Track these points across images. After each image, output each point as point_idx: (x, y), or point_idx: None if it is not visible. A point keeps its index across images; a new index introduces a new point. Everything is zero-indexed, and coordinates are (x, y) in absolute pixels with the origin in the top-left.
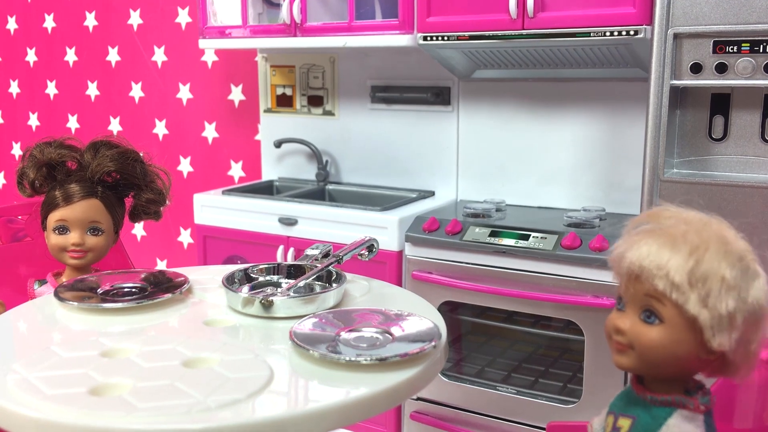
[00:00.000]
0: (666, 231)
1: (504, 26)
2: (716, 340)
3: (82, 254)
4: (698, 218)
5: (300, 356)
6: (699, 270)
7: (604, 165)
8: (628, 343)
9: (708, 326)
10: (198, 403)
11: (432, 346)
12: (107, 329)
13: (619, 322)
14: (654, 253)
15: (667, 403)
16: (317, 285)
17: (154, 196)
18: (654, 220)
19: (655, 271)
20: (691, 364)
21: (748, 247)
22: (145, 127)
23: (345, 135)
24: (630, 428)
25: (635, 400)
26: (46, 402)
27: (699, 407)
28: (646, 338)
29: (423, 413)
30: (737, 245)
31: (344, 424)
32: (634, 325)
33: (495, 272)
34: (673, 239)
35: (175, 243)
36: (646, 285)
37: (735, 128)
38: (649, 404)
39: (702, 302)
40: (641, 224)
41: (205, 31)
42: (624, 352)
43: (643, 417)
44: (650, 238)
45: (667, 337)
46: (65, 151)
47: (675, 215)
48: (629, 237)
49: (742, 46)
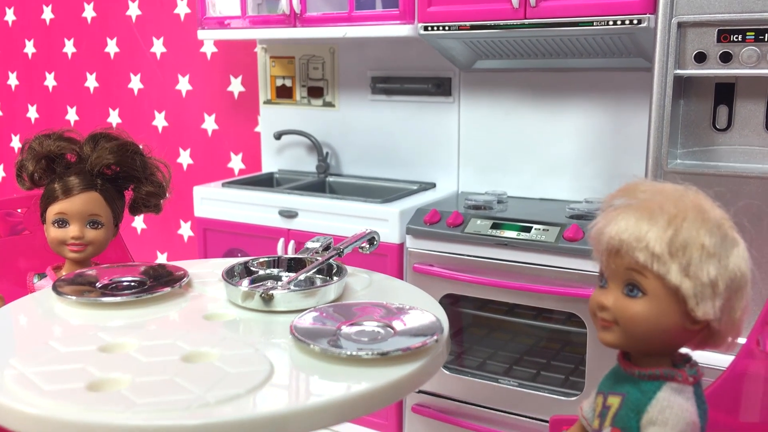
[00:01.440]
0: (643, 204)
1: (506, 15)
2: (700, 309)
3: (81, 247)
4: (674, 189)
5: (301, 350)
6: (678, 239)
7: (607, 156)
8: (613, 318)
9: (691, 295)
10: (197, 398)
11: (434, 340)
12: (106, 324)
13: (602, 298)
14: (632, 227)
15: (655, 377)
16: (318, 278)
17: (154, 188)
18: (630, 194)
19: (635, 244)
20: (676, 335)
21: (725, 214)
22: (144, 119)
23: (345, 126)
24: (620, 405)
25: (623, 377)
26: (43, 398)
27: (687, 379)
28: (630, 312)
29: (425, 406)
30: (714, 213)
31: (345, 419)
32: (617, 300)
33: (497, 264)
34: (650, 211)
35: (176, 236)
36: (626, 259)
37: (739, 118)
38: (637, 380)
39: (683, 271)
40: (617, 200)
41: (204, 21)
42: (609, 329)
43: (632, 393)
44: (627, 212)
45: (651, 310)
46: (64, 143)
47: (650, 188)
48: (607, 213)
49: (747, 35)
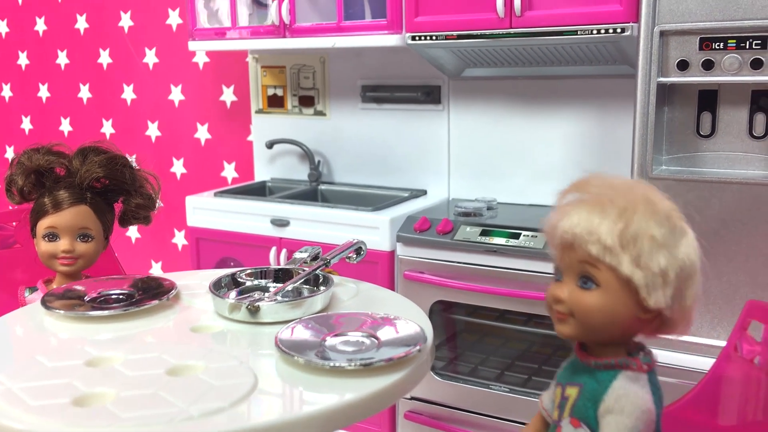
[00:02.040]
0: (594, 198)
1: (492, 25)
2: (652, 299)
3: (72, 261)
4: (624, 183)
5: (286, 362)
6: (628, 231)
7: (594, 162)
8: (568, 311)
9: (643, 285)
10: (181, 412)
11: (417, 350)
12: (94, 337)
13: (557, 291)
14: (584, 220)
15: (610, 366)
16: (305, 289)
17: (144, 201)
18: (582, 189)
19: (587, 237)
20: (630, 325)
21: (674, 206)
22: (137, 129)
23: (336, 135)
24: (578, 396)
25: (580, 367)
26: (29, 414)
27: (642, 367)
28: (584, 304)
29: (417, 412)
30: (663, 205)
31: (331, 429)
32: (572, 293)
33: (486, 271)
34: (601, 205)
35: (170, 245)
36: (579, 252)
37: (723, 125)
38: (593, 369)
39: (635, 262)
40: (570, 195)
41: (195, 33)
42: (565, 321)
43: (589, 383)
44: (580, 206)
45: (604, 301)
46: (53, 157)
47: (601, 182)
48: (560, 208)
49: (729, 43)
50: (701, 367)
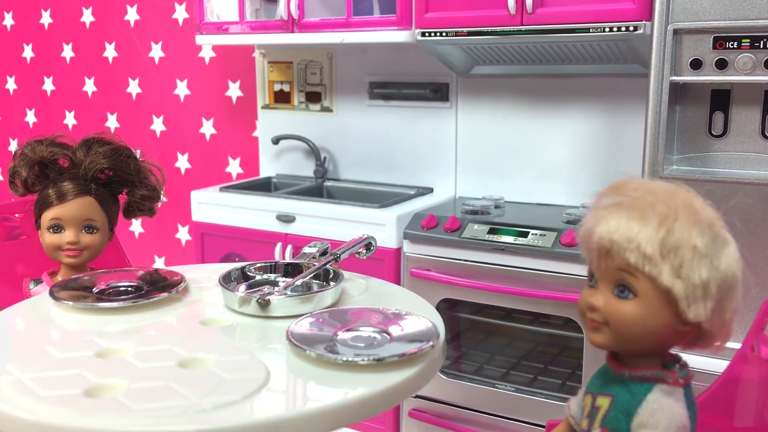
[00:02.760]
0: (633, 203)
1: (502, 22)
2: (692, 311)
3: (77, 252)
4: (665, 188)
5: (297, 356)
6: (670, 240)
7: (603, 161)
8: (603, 320)
9: (683, 297)
10: (193, 404)
11: (430, 346)
12: (102, 329)
13: (592, 299)
14: (623, 227)
15: (645, 379)
16: (315, 284)
17: (148, 192)
18: (620, 192)
19: (626, 245)
20: (667, 337)
21: (716, 214)
22: (142, 123)
23: (343, 131)
24: (609, 407)
25: (612, 377)
26: (40, 404)
27: (678, 380)
28: (621, 314)
29: (422, 411)
30: (706, 213)
31: (342, 425)
32: (607, 301)
33: (494, 269)
34: (641, 211)
35: (173, 240)
36: (617, 259)
37: (735, 124)
38: (627, 381)
39: (675, 273)
40: (607, 198)
41: (202, 27)
42: (599, 330)
43: (622, 394)
44: (618, 211)
45: (642, 311)
46: (57, 149)
47: (641, 186)
48: (596, 212)
49: (743, 42)
50: (713, 369)
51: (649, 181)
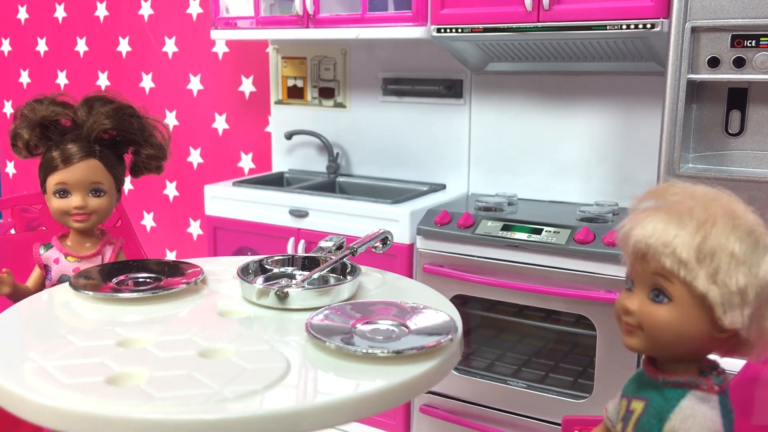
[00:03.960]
0: (672, 207)
1: (519, 18)
2: (728, 318)
3: (85, 217)
4: (705, 193)
5: (315, 348)
6: (706, 245)
7: (618, 159)
8: (638, 323)
9: (718, 303)
10: (215, 393)
11: (449, 339)
12: (122, 319)
13: (627, 302)
14: (660, 230)
15: (679, 385)
16: (332, 277)
17: (155, 151)
18: (660, 196)
19: (662, 249)
20: (703, 343)
21: (759, 220)
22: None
23: (356, 127)
24: (643, 411)
25: (648, 382)
26: (63, 390)
27: (713, 387)
28: (655, 318)
29: (433, 407)
30: (746, 218)
31: (360, 416)
32: (642, 305)
33: (507, 266)
34: (679, 215)
35: (185, 234)
36: (653, 263)
37: (752, 123)
38: (661, 386)
39: (711, 279)
40: (646, 201)
41: (216, 21)
42: (633, 333)
43: (656, 399)
44: (656, 214)
45: (676, 316)
46: (58, 108)
47: (681, 191)
48: (635, 215)
49: (761, 41)
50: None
51: (691, 185)
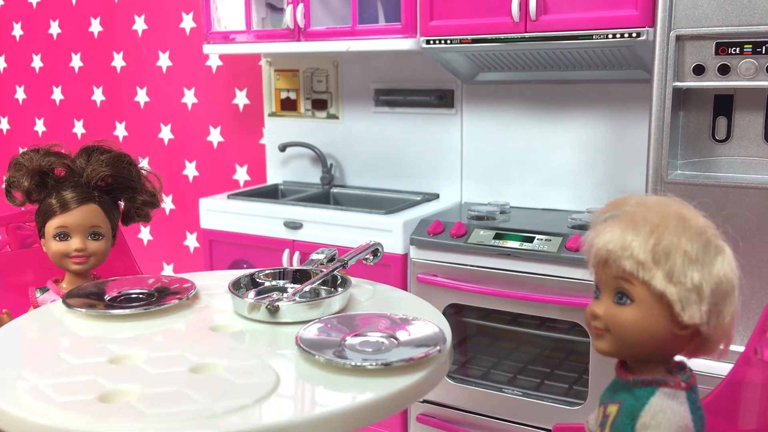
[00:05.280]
0: (628, 216)
1: (506, 29)
2: (686, 314)
3: (84, 259)
4: (657, 201)
5: (306, 361)
6: (660, 246)
7: (608, 166)
8: (605, 326)
9: (676, 300)
10: (205, 409)
11: (437, 351)
12: (115, 335)
13: (594, 307)
14: (618, 237)
15: (647, 383)
16: (323, 290)
17: (149, 198)
18: (617, 207)
19: (621, 253)
20: (666, 341)
21: (709, 222)
22: (150, 131)
23: (349, 138)
24: (617, 413)
25: (620, 385)
26: (55, 409)
27: (680, 384)
28: (619, 319)
29: (429, 415)
30: (696, 221)
31: (351, 428)
32: (608, 309)
33: (500, 274)
34: (634, 222)
35: (182, 247)
36: (614, 268)
37: (738, 129)
38: (632, 386)
39: (668, 277)
40: (606, 214)
41: (209, 36)
42: (602, 337)
43: (627, 400)
44: (614, 224)
45: (639, 316)
46: (53, 158)
47: (636, 201)
48: (596, 227)
49: (745, 48)
50: (716, 372)
51: (645, 196)
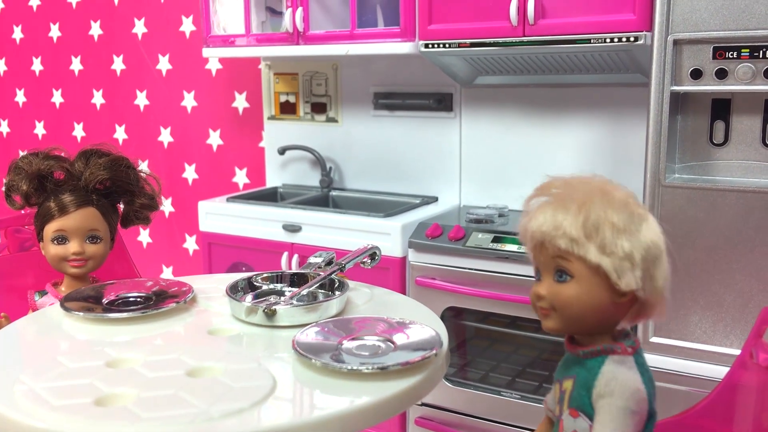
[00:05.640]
0: (556, 197)
1: (505, 33)
2: (623, 282)
3: (82, 262)
4: (581, 179)
5: (303, 365)
6: (590, 221)
7: (606, 170)
8: (550, 305)
9: (611, 270)
10: (202, 412)
11: (433, 354)
12: (112, 339)
13: (538, 288)
14: (549, 218)
15: (596, 353)
16: (320, 293)
17: (148, 201)
18: (545, 191)
19: (554, 233)
20: (609, 310)
21: (631, 193)
22: (150, 134)
23: (348, 141)
24: (573, 387)
25: (572, 360)
26: (52, 413)
27: (626, 350)
28: (562, 296)
29: (428, 419)
30: (618, 193)
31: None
32: (550, 288)
33: (498, 278)
34: (562, 202)
35: (181, 250)
36: (550, 249)
37: (736, 133)
38: (582, 359)
39: (600, 249)
40: (535, 199)
41: (209, 40)
42: (548, 316)
43: (581, 373)
44: (544, 207)
45: (580, 290)
46: (52, 161)
47: (561, 183)
48: (528, 212)
49: (742, 52)
50: (713, 376)
51: (568, 177)
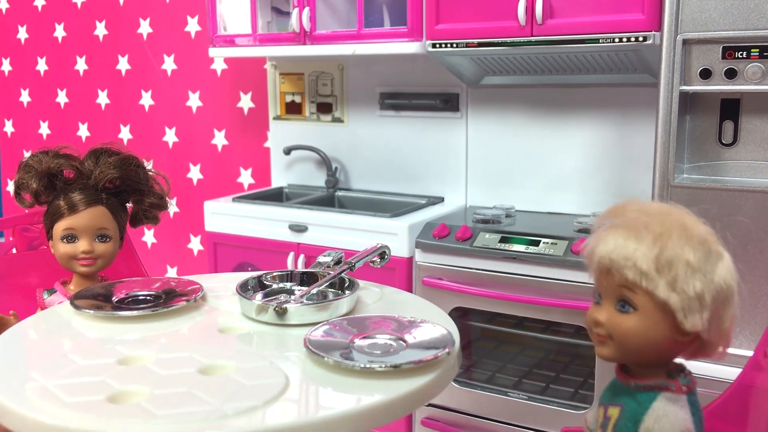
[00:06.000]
0: (630, 223)
1: (513, 33)
2: (689, 322)
3: (92, 261)
4: (659, 208)
5: (314, 363)
6: (664, 256)
7: (614, 170)
8: (607, 333)
9: (679, 309)
10: (215, 410)
11: (446, 353)
12: (123, 337)
13: (596, 314)
14: (621, 246)
15: (650, 388)
16: (330, 292)
17: (157, 200)
18: (619, 214)
19: (623, 262)
20: (668, 347)
21: (710, 230)
22: (155, 134)
23: (354, 142)
24: (619, 416)
25: (621, 388)
26: (65, 409)
27: (681, 388)
28: (622, 327)
29: (434, 419)
30: (698, 230)
31: (359, 431)
32: (610, 316)
33: (505, 278)
34: (636, 230)
35: (186, 250)
36: (617, 277)
37: (745, 133)
38: (634, 391)
39: (670, 286)
40: (607, 220)
41: (214, 39)
42: (604, 343)
43: (630, 404)
44: (616, 231)
45: (642, 324)
46: (62, 160)
47: (636, 208)
48: (597, 233)
49: (752, 52)
50: (724, 377)
51: (645, 202)
